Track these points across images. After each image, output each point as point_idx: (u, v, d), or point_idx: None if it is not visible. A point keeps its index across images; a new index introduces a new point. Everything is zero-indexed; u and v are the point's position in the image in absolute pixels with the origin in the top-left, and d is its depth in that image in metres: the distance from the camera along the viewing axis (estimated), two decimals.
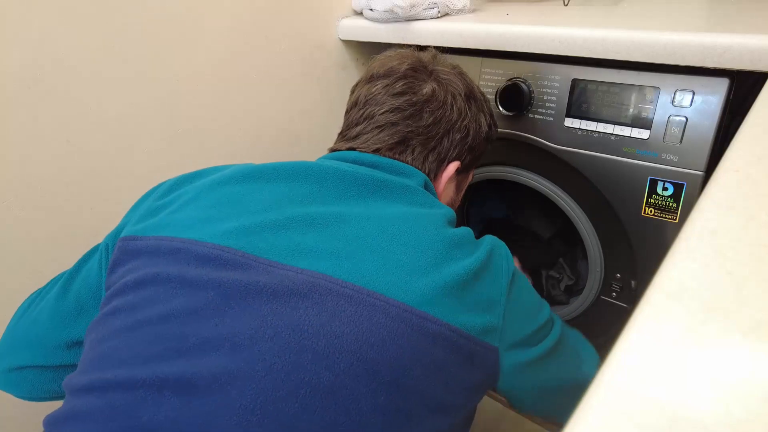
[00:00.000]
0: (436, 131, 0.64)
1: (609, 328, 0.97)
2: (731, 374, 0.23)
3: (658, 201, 0.78)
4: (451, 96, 0.66)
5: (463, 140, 0.67)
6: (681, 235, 0.32)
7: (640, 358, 0.24)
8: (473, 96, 0.70)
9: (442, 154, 0.66)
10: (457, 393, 0.49)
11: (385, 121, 0.63)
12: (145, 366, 0.42)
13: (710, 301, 0.27)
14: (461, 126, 0.67)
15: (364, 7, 1.01)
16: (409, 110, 0.63)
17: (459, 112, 0.66)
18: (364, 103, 0.66)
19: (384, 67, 0.67)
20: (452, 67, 0.69)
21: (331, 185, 0.55)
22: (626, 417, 0.21)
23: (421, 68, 0.66)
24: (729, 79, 0.70)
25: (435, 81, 0.66)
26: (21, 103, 0.67)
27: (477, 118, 0.69)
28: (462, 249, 0.52)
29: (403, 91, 0.64)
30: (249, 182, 0.55)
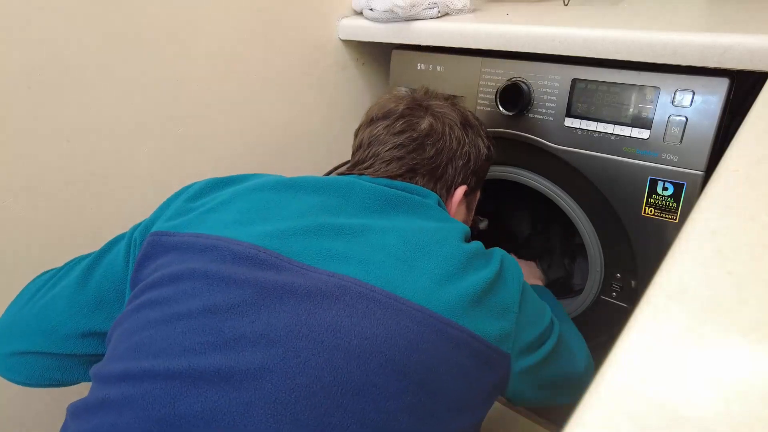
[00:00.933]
0: (439, 161, 0.68)
1: (609, 327, 0.97)
2: (731, 374, 0.23)
3: (658, 201, 0.78)
4: (449, 127, 0.70)
5: (466, 165, 0.71)
6: (681, 235, 0.32)
7: (640, 357, 0.24)
8: (468, 123, 0.73)
9: (449, 181, 0.70)
10: (477, 396, 0.51)
11: (390, 157, 0.67)
12: (182, 357, 0.44)
13: (710, 301, 0.27)
14: (462, 153, 0.70)
15: (364, 7, 1.01)
16: (412, 145, 0.67)
17: (458, 140, 0.70)
18: (368, 144, 0.70)
19: (382, 110, 0.71)
20: (445, 99, 0.74)
21: (357, 199, 0.58)
22: (626, 416, 0.21)
23: (417, 106, 0.71)
24: (729, 78, 0.69)
25: (431, 116, 0.70)
26: (21, 103, 0.67)
27: (475, 143, 0.73)
28: (479, 260, 0.55)
29: (403, 130, 0.68)
30: (281, 191, 0.58)
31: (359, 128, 0.74)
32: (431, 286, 0.49)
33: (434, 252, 0.52)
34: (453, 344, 0.48)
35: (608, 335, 0.99)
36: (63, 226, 0.75)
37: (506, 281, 0.56)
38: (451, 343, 0.48)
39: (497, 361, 0.52)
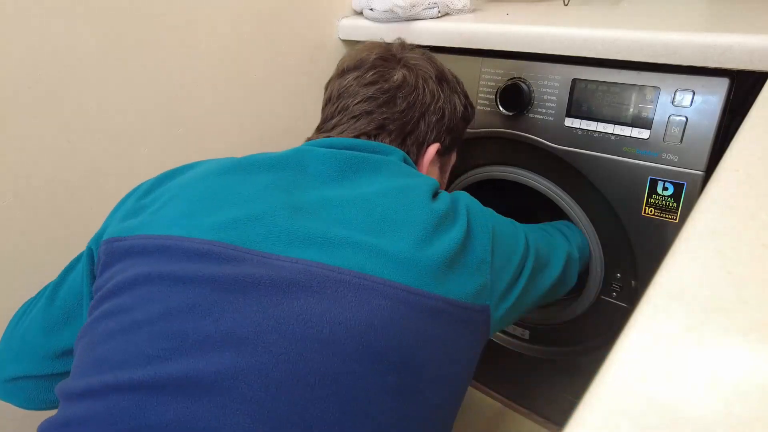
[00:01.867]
0: (411, 115, 0.65)
1: (609, 327, 0.97)
2: (731, 374, 0.23)
3: (659, 201, 0.78)
4: (422, 80, 0.67)
5: (440, 122, 0.69)
6: (681, 234, 0.32)
7: (640, 357, 0.24)
8: (444, 78, 0.71)
9: (420, 137, 0.67)
10: (460, 360, 0.50)
11: (360, 111, 0.64)
12: (146, 366, 0.42)
13: (710, 300, 0.27)
14: (435, 108, 0.68)
15: (364, 7, 1.01)
16: (382, 98, 0.64)
17: (432, 94, 0.67)
18: (337, 97, 0.67)
19: (353, 60, 0.68)
20: (421, 53, 0.71)
21: (313, 170, 0.55)
22: (626, 416, 0.21)
23: (390, 57, 0.68)
24: (729, 78, 0.69)
25: (404, 67, 0.67)
26: (21, 103, 0.67)
27: (451, 100, 0.71)
28: (447, 219, 0.53)
29: (374, 81, 0.65)
30: (231, 175, 0.54)
31: (330, 81, 0.71)
32: (399, 258, 0.47)
33: (400, 219, 0.50)
34: (429, 315, 0.47)
35: (608, 335, 0.99)
36: (63, 225, 0.75)
37: (476, 234, 0.54)
38: (427, 314, 0.46)
39: (477, 317, 0.51)
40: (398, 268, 0.47)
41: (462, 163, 1.04)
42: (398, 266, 0.47)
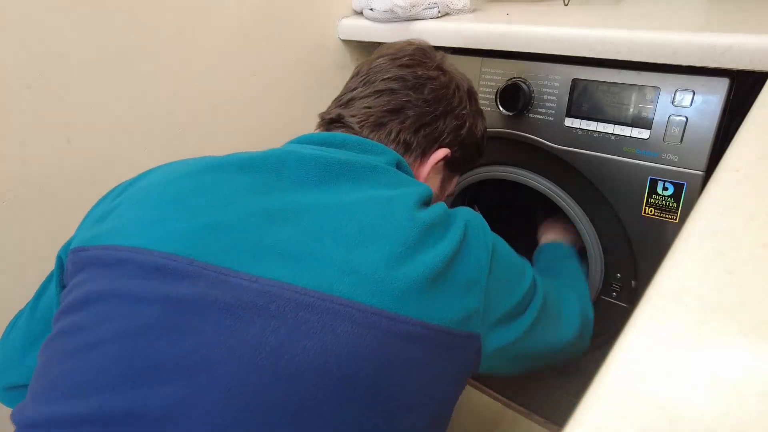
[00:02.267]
0: (434, 108, 0.63)
1: (609, 328, 0.97)
2: (731, 374, 0.23)
3: (659, 201, 0.78)
4: (455, 85, 0.66)
5: (458, 129, 0.66)
6: (681, 234, 0.32)
7: (641, 357, 0.24)
8: (474, 96, 0.71)
9: (435, 133, 0.64)
10: (442, 388, 0.47)
11: (385, 87, 0.62)
12: (92, 397, 0.38)
13: (711, 301, 0.27)
14: (459, 114, 0.66)
15: (364, 7, 1.01)
16: (412, 81, 0.63)
17: (460, 100, 0.66)
18: (366, 72, 0.65)
19: (391, 47, 0.68)
20: (457, 69, 0.70)
21: (291, 172, 0.50)
22: (626, 416, 0.21)
23: (430, 55, 0.67)
24: (729, 78, 0.69)
25: (440, 69, 0.66)
26: (21, 101, 0.67)
27: (474, 116, 0.70)
28: (436, 231, 0.48)
29: (409, 65, 0.64)
30: (204, 175, 0.49)
31: (362, 63, 0.68)
32: (373, 277, 0.42)
33: (380, 233, 0.45)
34: (405, 340, 0.42)
35: (608, 335, 0.99)
36: (63, 225, 0.75)
37: (470, 250, 0.49)
38: (402, 340, 0.42)
39: (463, 344, 0.46)
40: (370, 288, 0.42)
41: None
42: (370, 286, 0.42)
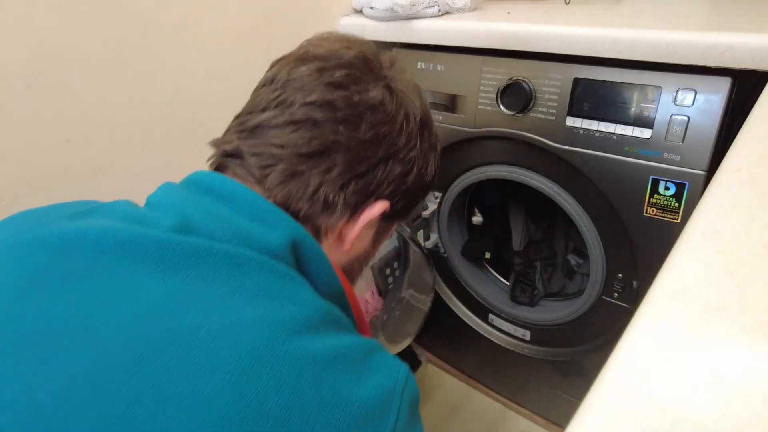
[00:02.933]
0: (372, 153, 0.46)
1: (610, 328, 0.97)
2: (733, 374, 0.22)
3: (660, 201, 0.78)
4: (404, 114, 0.49)
5: (403, 177, 0.49)
6: (683, 235, 0.32)
7: (642, 358, 0.24)
8: (428, 126, 0.53)
9: (372, 186, 0.47)
10: None
11: (305, 116, 0.44)
12: None
13: (712, 301, 0.26)
14: (406, 157, 0.49)
15: (364, 6, 1.01)
16: (345, 111, 0.45)
17: (408, 138, 0.49)
18: (283, 83, 0.47)
19: (322, 48, 0.49)
20: (412, 82, 0.53)
21: (87, 256, 0.36)
22: (628, 416, 0.21)
23: (375, 65, 0.49)
24: (731, 78, 0.69)
25: (387, 88, 0.48)
26: (20, 102, 0.67)
27: (426, 156, 0.52)
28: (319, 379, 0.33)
29: (343, 84, 0.46)
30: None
31: (279, 60, 0.53)
32: None
33: (180, 389, 0.29)
34: None
35: (610, 336, 0.98)
36: None
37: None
38: None
39: None
40: None
41: (463, 163, 1.04)
42: None
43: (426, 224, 1.15)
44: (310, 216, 0.46)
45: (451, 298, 1.24)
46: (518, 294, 1.14)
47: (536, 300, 1.12)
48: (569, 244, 1.17)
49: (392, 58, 0.53)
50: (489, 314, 1.18)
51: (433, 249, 1.19)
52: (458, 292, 1.22)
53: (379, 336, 0.99)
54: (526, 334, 1.13)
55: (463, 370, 1.36)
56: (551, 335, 1.09)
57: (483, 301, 1.18)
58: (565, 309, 1.04)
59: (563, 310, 1.05)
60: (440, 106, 1.02)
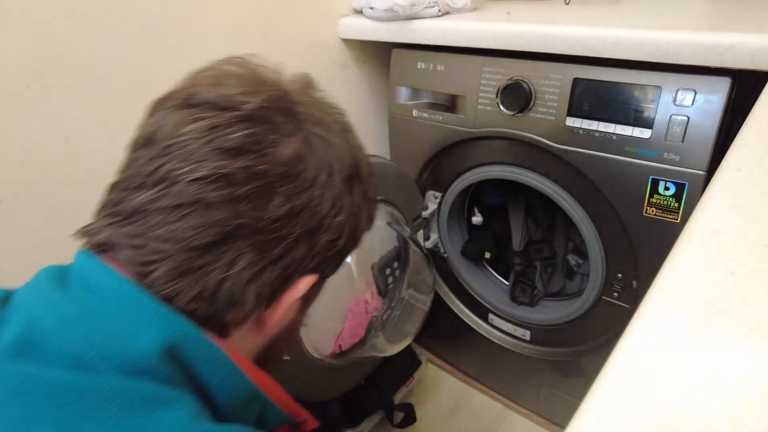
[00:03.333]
0: (288, 231, 0.37)
1: (610, 328, 0.97)
2: (733, 374, 0.22)
3: (660, 201, 0.78)
4: (328, 172, 0.39)
5: (331, 245, 0.41)
6: (683, 235, 0.32)
7: (642, 358, 0.24)
8: (358, 175, 0.43)
9: (292, 267, 0.39)
10: None
11: (196, 197, 0.34)
12: None
13: (712, 301, 0.26)
14: (334, 223, 0.40)
15: (364, 6, 1.01)
16: (248, 186, 0.35)
17: (334, 200, 0.40)
18: (165, 147, 0.36)
19: (215, 92, 0.38)
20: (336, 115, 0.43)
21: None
22: (628, 416, 0.21)
23: (285, 112, 0.39)
24: (731, 78, 0.69)
25: (303, 141, 0.38)
26: (20, 102, 0.67)
27: (357, 214, 0.43)
28: None
29: (244, 148, 0.35)
30: None
31: (159, 101, 0.44)
32: None
33: None
34: None
35: (609, 336, 0.98)
36: (62, 226, 0.75)
37: None
38: None
39: None
40: None
41: (463, 163, 1.04)
42: None
43: (426, 224, 1.15)
44: (210, 315, 0.37)
45: (450, 297, 1.24)
46: (518, 294, 1.14)
47: (536, 300, 1.12)
48: (569, 244, 1.17)
49: (308, 86, 0.44)
50: (489, 314, 1.18)
51: (433, 249, 1.19)
52: (458, 292, 1.22)
53: (379, 336, 0.99)
54: (526, 334, 1.13)
55: (463, 369, 1.36)
56: (551, 335, 1.09)
57: (483, 301, 1.18)
58: (565, 309, 1.04)
59: (563, 310, 1.05)
60: (440, 107, 1.02)
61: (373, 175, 0.47)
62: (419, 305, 1.10)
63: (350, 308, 0.95)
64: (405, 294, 1.05)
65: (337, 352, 0.94)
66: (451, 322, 1.25)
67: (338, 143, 0.41)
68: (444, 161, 1.07)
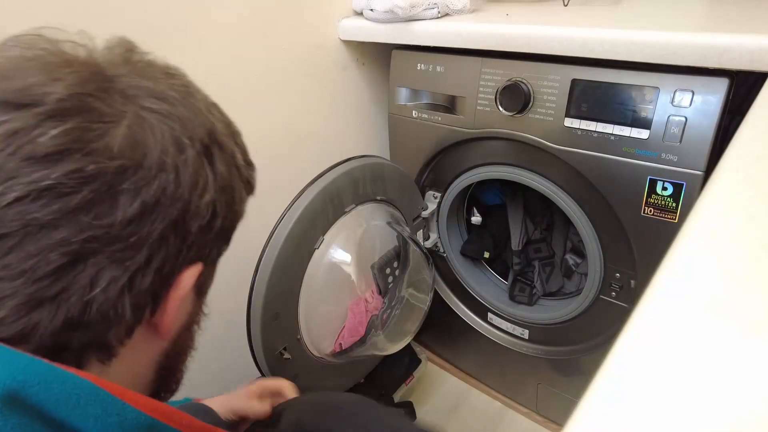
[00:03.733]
0: (149, 231, 0.31)
1: (608, 327, 0.98)
2: (731, 373, 0.23)
3: (658, 201, 0.79)
4: (176, 150, 0.33)
5: (208, 227, 0.36)
6: (680, 234, 0.32)
7: (640, 357, 0.24)
8: (218, 143, 0.37)
9: (167, 266, 0.34)
10: None
11: (20, 223, 0.28)
12: None
13: (709, 301, 0.27)
14: (203, 204, 0.34)
15: (364, 8, 1.01)
16: (84, 194, 0.29)
17: (194, 179, 0.34)
18: None
19: (3, 86, 0.29)
20: (168, 80, 0.37)
21: None
22: (626, 417, 0.21)
23: (101, 87, 0.31)
24: (728, 79, 0.70)
25: (134, 119, 0.32)
26: None
27: (229, 185, 0.38)
28: None
29: (61, 150, 0.28)
30: None
31: None
32: None
33: None
34: None
35: (607, 335, 0.99)
36: None
37: None
38: None
39: None
40: None
41: (462, 163, 1.04)
42: None
43: (425, 224, 1.15)
44: (89, 341, 0.32)
45: (450, 297, 1.24)
46: (517, 293, 1.15)
47: (535, 299, 1.13)
48: (567, 244, 1.18)
49: (127, 51, 0.36)
50: (488, 313, 1.19)
51: (432, 248, 1.19)
52: (457, 291, 1.23)
53: (379, 334, 1.00)
54: (525, 333, 1.13)
55: (462, 368, 1.36)
56: (550, 334, 1.09)
57: (482, 300, 1.18)
58: (564, 308, 1.04)
59: (561, 309, 1.05)
60: (440, 107, 1.02)
61: (238, 133, 0.42)
62: (419, 304, 1.10)
63: (350, 307, 0.95)
64: (405, 293, 1.06)
65: (337, 350, 0.95)
66: (451, 321, 1.25)
67: (181, 112, 0.34)
68: (443, 161, 1.07)
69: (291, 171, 1.02)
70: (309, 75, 1.04)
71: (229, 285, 0.98)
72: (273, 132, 1.01)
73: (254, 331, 0.80)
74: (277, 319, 0.82)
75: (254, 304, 0.79)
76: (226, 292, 0.97)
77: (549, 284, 1.14)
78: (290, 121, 1.03)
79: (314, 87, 1.06)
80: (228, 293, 0.95)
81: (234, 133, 0.42)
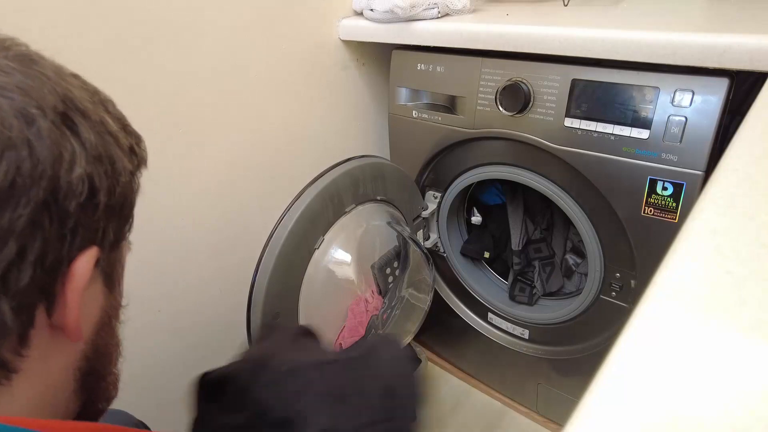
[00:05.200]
0: (11, 218, 0.27)
1: (608, 327, 0.98)
2: (731, 373, 0.23)
3: (658, 200, 0.79)
4: (24, 122, 0.28)
5: (89, 205, 0.31)
6: (681, 234, 0.32)
7: (640, 357, 0.24)
8: (79, 109, 0.33)
9: (49, 257, 0.29)
10: None
11: None
12: None
13: (710, 300, 0.27)
14: (74, 179, 0.30)
15: (364, 8, 1.01)
16: None
17: (55, 153, 0.29)
18: None
19: None
20: (2, 49, 0.33)
21: None
22: (626, 416, 0.21)
23: None
24: (729, 79, 0.70)
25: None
26: None
27: (105, 154, 0.33)
28: None
29: None
30: None
31: None
32: None
33: None
34: None
35: (607, 335, 0.99)
36: None
37: None
38: None
39: None
40: None
41: (462, 163, 1.04)
42: None
43: (426, 224, 1.15)
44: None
45: (450, 297, 1.24)
46: (517, 293, 1.15)
47: (535, 299, 1.13)
48: (567, 244, 1.18)
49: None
50: (488, 313, 1.19)
51: (432, 248, 1.19)
52: (458, 291, 1.23)
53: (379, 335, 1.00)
54: (525, 333, 1.13)
55: (463, 368, 1.36)
56: (550, 334, 1.09)
57: (482, 300, 1.18)
58: (564, 308, 1.04)
59: (561, 309, 1.05)
60: (440, 107, 1.02)
61: (109, 101, 0.38)
62: (419, 304, 1.10)
63: (350, 307, 0.95)
64: (405, 293, 1.06)
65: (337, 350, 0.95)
66: (451, 320, 1.25)
67: (22, 81, 0.30)
68: (443, 161, 1.07)
69: (291, 171, 1.02)
70: (309, 75, 1.04)
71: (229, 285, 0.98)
72: (273, 132, 1.01)
73: (254, 331, 0.80)
74: (277, 318, 0.82)
75: (254, 304, 0.79)
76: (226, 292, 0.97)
77: (549, 284, 1.14)
78: (290, 121, 1.03)
79: (314, 87, 1.06)
80: (228, 293, 0.95)
81: (103, 100, 0.37)
